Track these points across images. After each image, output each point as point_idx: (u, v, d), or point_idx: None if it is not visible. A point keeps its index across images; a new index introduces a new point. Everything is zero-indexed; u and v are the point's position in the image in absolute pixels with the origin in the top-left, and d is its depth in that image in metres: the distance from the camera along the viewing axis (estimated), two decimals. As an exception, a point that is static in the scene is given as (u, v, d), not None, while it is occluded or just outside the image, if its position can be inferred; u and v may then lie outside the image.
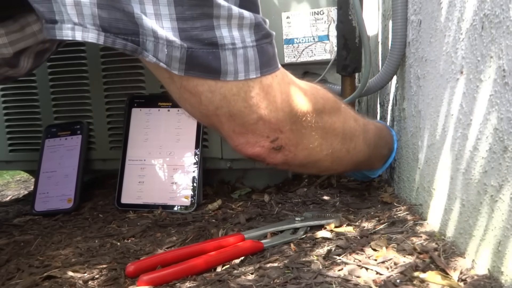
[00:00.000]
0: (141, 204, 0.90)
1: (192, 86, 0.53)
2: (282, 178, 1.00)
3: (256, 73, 0.54)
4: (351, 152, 0.67)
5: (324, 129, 0.62)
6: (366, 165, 0.76)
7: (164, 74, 0.54)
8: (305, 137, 0.60)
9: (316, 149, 0.62)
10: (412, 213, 0.68)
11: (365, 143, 0.69)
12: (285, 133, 0.58)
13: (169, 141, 0.92)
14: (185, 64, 0.51)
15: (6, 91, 1.04)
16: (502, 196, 0.43)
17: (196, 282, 0.53)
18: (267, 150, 0.58)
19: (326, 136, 0.62)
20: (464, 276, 0.46)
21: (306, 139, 0.60)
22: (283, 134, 0.58)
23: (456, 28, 0.53)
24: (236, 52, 0.52)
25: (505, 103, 0.42)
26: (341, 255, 0.55)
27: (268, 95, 0.55)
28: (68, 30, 0.50)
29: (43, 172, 0.98)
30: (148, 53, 0.51)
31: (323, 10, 0.85)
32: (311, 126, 0.60)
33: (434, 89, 0.61)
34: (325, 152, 0.63)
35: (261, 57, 0.54)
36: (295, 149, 0.60)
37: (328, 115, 0.62)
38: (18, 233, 0.82)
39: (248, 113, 0.55)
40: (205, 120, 0.58)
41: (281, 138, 0.58)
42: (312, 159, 0.63)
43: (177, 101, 0.57)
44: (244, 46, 0.52)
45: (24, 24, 0.65)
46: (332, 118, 0.63)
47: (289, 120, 0.57)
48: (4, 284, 0.59)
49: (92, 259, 0.65)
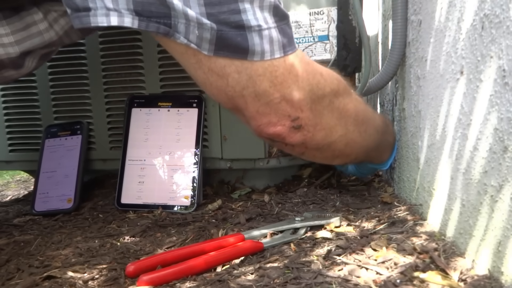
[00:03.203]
0: (141, 204, 0.90)
1: (220, 67, 0.55)
2: (282, 178, 1.00)
3: (280, 53, 0.56)
4: (362, 135, 0.69)
5: (339, 110, 0.64)
6: (375, 154, 0.77)
7: (191, 59, 0.56)
8: (324, 117, 0.62)
9: (332, 130, 0.64)
10: (412, 213, 0.68)
11: (375, 128, 0.71)
12: (305, 112, 0.60)
13: (169, 141, 0.92)
14: (215, 44, 0.54)
15: (6, 91, 1.04)
16: (502, 196, 0.43)
17: (196, 282, 0.53)
18: (288, 129, 0.60)
19: (341, 117, 0.64)
20: (464, 276, 0.46)
21: (324, 119, 0.62)
22: (304, 113, 0.60)
23: (456, 28, 0.53)
24: (262, 33, 0.55)
25: (505, 103, 0.42)
26: (341, 255, 0.55)
27: (291, 74, 0.58)
28: (103, 16, 0.51)
29: (43, 172, 0.98)
30: (180, 35, 0.53)
31: (323, 10, 0.85)
32: (328, 106, 0.62)
33: (434, 89, 0.61)
34: (339, 133, 0.65)
35: (283, 37, 0.56)
36: (313, 129, 0.62)
37: (342, 96, 0.64)
38: (18, 233, 0.82)
39: (272, 92, 0.57)
40: (229, 103, 0.59)
41: (301, 118, 0.60)
42: (328, 141, 0.65)
43: (202, 86, 0.59)
44: (268, 27, 0.55)
45: (30, 23, 0.65)
46: (345, 100, 0.65)
47: (309, 99, 0.60)
48: (4, 284, 0.59)
49: (92, 259, 0.65)
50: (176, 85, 0.94)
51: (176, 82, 0.94)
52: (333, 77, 0.63)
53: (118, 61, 0.96)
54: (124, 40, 0.95)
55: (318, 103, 0.61)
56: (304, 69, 0.59)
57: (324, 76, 0.62)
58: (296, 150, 0.65)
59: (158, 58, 0.94)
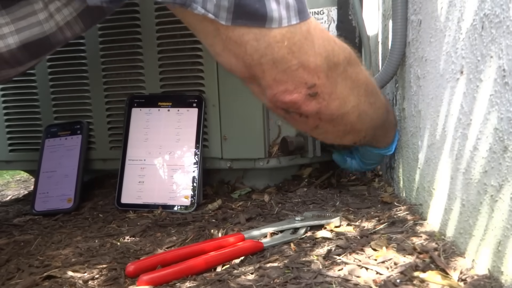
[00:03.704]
0: (141, 204, 0.90)
1: (238, 36, 0.55)
2: (282, 178, 1.00)
3: (297, 19, 0.56)
4: (373, 107, 0.69)
5: (352, 79, 0.64)
6: (381, 132, 0.77)
7: (209, 27, 0.56)
8: (338, 85, 0.62)
9: (346, 100, 0.64)
10: (412, 213, 0.68)
11: (381, 102, 0.71)
12: (321, 79, 0.60)
13: (169, 141, 0.92)
14: (233, 13, 0.53)
15: (6, 91, 1.03)
16: (502, 196, 0.43)
17: (196, 282, 0.53)
18: (304, 96, 0.60)
19: (353, 86, 0.64)
20: (464, 276, 0.46)
21: (338, 88, 0.62)
22: (320, 81, 0.60)
23: (456, 28, 0.53)
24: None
25: (505, 103, 0.42)
26: (341, 255, 0.55)
27: (307, 40, 0.58)
28: None
29: (43, 172, 0.98)
30: (197, 5, 0.53)
31: (323, 10, 0.85)
32: (342, 74, 0.62)
33: (434, 89, 0.61)
34: (352, 103, 0.65)
35: (298, 3, 0.56)
36: (328, 97, 0.62)
37: (353, 66, 0.64)
38: (18, 233, 0.82)
39: (290, 59, 0.57)
40: (246, 71, 0.59)
41: (317, 85, 0.60)
42: (341, 111, 0.65)
43: (219, 56, 0.60)
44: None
45: (29, 12, 0.64)
46: (356, 69, 0.65)
47: (326, 66, 0.59)
48: (4, 284, 0.59)
49: (92, 259, 0.64)
50: (176, 85, 0.94)
51: (176, 82, 0.94)
52: (344, 46, 0.63)
53: (118, 61, 0.96)
54: (124, 40, 0.95)
55: (334, 70, 0.61)
56: (320, 35, 0.59)
57: (337, 44, 0.62)
58: (310, 123, 0.65)
59: (158, 58, 0.94)
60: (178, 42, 0.92)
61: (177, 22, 0.88)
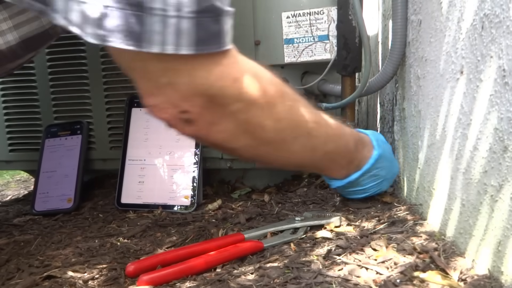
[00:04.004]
0: (141, 204, 0.90)
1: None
2: (282, 178, 1.00)
3: (189, 50, 0.47)
4: (282, 154, 0.61)
5: (248, 123, 0.56)
6: (313, 169, 0.73)
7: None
8: (225, 121, 0.54)
9: (234, 139, 0.57)
10: (412, 213, 0.68)
11: (308, 148, 0.63)
12: (196, 108, 0.52)
13: (169, 141, 0.92)
14: (103, 28, 0.45)
15: (6, 91, 1.04)
16: (502, 196, 0.43)
17: (196, 282, 0.53)
18: (177, 119, 0.53)
19: (247, 130, 0.56)
20: (464, 276, 0.46)
21: (223, 125, 0.54)
22: (195, 108, 0.52)
23: (456, 28, 0.53)
24: (167, 20, 0.45)
25: (505, 103, 0.42)
26: (341, 255, 0.55)
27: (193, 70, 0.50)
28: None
29: (43, 172, 0.98)
30: (57, 14, 0.45)
31: (323, 10, 0.85)
32: (234, 115, 0.54)
33: (434, 89, 0.61)
34: (244, 143, 0.58)
35: (199, 32, 0.47)
36: (208, 128, 0.54)
37: (261, 110, 0.55)
38: (18, 233, 0.82)
39: (160, 76, 0.49)
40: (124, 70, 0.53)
41: (192, 112, 0.52)
42: (231, 146, 0.58)
43: None
44: (179, 16, 0.46)
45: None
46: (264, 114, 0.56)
47: (205, 99, 0.52)
48: (4, 284, 0.59)
49: (92, 259, 0.65)
50: (176, 85, 0.94)
51: (176, 82, 0.94)
52: (262, 87, 0.55)
53: (118, 61, 0.96)
54: (124, 40, 0.95)
55: (218, 107, 0.53)
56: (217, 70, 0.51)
57: (244, 85, 0.53)
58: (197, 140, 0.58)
59: (158, 58, 0.94)
60: (178, 42, 0.92)
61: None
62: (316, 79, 0.89)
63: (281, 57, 0.88)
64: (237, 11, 0.87)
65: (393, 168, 0.76)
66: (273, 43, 0.88)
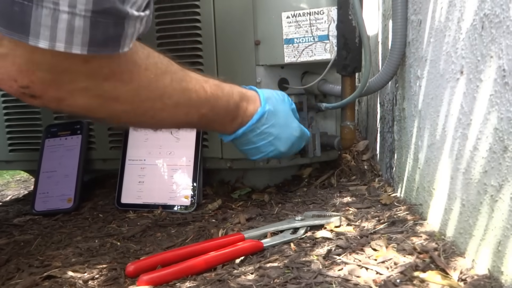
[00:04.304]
0: (141, 204, 0.90)
1: None
2: (282, 178, 1.00)
3: (82, 49, 0.46)
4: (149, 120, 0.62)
5: (103, 97, 0.55)
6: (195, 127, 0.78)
7: None
8: (75, 98, 0.53)
9: (91, 111, 0.56)
10: (412, 213, 0.68)
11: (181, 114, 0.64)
12: (37, 84, 0.50)
13: (169, 141, 0.92)
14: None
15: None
16: (502, 196, 0.43)
17: (196, 282, 0.53)
18: (18, 92, 0.50)
19: (107, 103, 0.56)
20: (464, 276, 0.46)
21: (73, 99, 0.53)
22: (36, 85, 0.50)
23: (456, 28, 0.53)
24: (58, 15, 0.44)
25: (505, 103, 0.42)
26: (341, 255, 0.55)
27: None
28: None
29: (43, 172, 0.98)
30: None
31: (323, 10, 0.85)
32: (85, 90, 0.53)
33: (434, 89, 0.61)
34: (105, 115, 0.58)
35: (94, 33, 0.46)
36: (57, 103, 0.53)
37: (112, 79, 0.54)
38: (18, 233, 0.82)
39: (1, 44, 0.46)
40: None
41: (33, 88, 0.50)
42: (90, 117, 0.60)
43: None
44: (72, 12, 0.44)
45: None
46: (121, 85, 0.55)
47: (46, 75, 0.50)
48: (4, 284, 0.59)
49: (92, 259, 0.65)
50: (176, 85, 0.94)
51: (176, 82, 0.94)
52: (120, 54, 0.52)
53: (118, 61, 0.96)
54: (124, 40, 0.95)
55: (63, 84, 0.51)
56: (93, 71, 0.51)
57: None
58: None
59: (158, 58, 0.94)
60: (178, 42, 0.92)
61: (177, 22, 0.88)
62: (316, 79, 0.89)
63: (281, 57, 0.88)
64: (237, 11, 0.87)
65: (289, 128, 0.76)
66: (273, 43, 0.87)
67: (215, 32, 0.88)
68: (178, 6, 0.89)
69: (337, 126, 0.97)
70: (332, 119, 0.99)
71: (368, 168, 1.00)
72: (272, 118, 0.73)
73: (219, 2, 0.87)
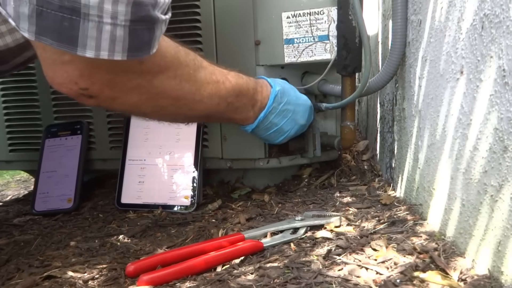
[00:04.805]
0: (141, 204, 0.90)
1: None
2: (282, 178, 1.00)
3: (122, 56, 0.51)
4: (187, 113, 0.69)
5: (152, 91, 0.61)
6: (220, 119, 0.80)
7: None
8: (127, 96, 0.59)
9: (137, 108, 0.63)
10: (412, 213, 0.68)
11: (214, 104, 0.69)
12: (97, 85, 0.55)
13: (169, 141, 0.92)
14: (36, 25, 0.46)
15: (6, 91, 1.04)
16: (502, 196, 0.43)
17: (196, 282, 0.53)
18: (77, 94, 0.55)
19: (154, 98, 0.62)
20: (464, 276, 0.47)
21: (125, 97, 0.59)
22: (95, 86, 0.55)
23: (456, 28, 0.53)
24: (102, 27, 0.48)
25: (505, 103, 0.42)
26: (341, 255, 0.55)
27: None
28: None
29: (43, 172, 0.98)
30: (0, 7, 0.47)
31: (323, 10, 0.85)
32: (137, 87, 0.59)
33: (434, 89, 0.61)
34: (150, 109, 0.64)
35: (132, 40, 0.50)
36: (111, 101, 0.59)
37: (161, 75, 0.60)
38: (18, 233, 0.82)
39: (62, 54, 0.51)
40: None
41: (92, 89, 0.55)
42: (135, 113, 0.69)
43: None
44: (114, 23, 0.48)
45: None
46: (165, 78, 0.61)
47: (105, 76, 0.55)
48: (4, 284, 0.59)
49: (92, 259, 0.65)
50: (176, 85, 0.94)
51: (176, 82, 0.94)
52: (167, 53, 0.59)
53: (118, 61, 0.96)
54: (124, 40, 0.95)
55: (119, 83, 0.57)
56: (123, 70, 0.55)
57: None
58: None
59: (158, 58, 0.94)
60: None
61: (178, 22, 0.88)
62: (316, 79, 0.89)
63: (281, 57, 0.88)
64: (237, 11, 0.87)
65: (301, 100, 0.83)
66: (273, 43, 0.88)
67: (215, 32, 0.88)
68: (178, 6, 0.89)
69: (337, 126, 0.97)
70: (332, 119, 0.99)
71: (368, 168, 1.00)
72: (285, 96, 0.79)
73: (219, 2, 0.87)
